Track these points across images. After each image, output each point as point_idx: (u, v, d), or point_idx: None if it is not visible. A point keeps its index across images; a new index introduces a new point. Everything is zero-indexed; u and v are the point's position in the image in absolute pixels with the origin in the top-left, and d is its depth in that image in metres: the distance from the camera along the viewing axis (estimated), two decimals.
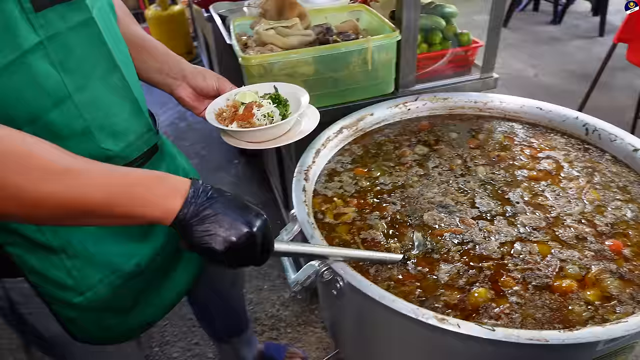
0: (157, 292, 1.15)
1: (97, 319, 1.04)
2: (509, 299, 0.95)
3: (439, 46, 1.79)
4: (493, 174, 1.29)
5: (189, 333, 2.29)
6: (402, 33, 1.55)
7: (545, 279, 0.98)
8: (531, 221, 1.12)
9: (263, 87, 1.27)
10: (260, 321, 2.33)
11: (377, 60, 1.57)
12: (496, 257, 1.04)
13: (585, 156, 1.33)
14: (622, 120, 3.49)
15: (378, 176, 1.30)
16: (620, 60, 3.01)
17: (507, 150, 1.37)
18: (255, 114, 1.16)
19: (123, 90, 0.96)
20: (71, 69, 0.83)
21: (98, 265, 0.98)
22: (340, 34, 1.67)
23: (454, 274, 1.01)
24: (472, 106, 1.57)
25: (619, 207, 1.15)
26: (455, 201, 1.20)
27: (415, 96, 1.57)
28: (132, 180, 0.75)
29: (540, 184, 1.24)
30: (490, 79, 1.76)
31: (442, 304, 0.95)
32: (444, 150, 1.39)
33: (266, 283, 2.54)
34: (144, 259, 1.06)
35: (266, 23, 1.65)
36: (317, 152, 1.34)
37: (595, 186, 1.22)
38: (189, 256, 1.22)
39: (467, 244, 1.07)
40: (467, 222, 1.13)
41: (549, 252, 1.04)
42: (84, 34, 0.85)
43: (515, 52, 5.16)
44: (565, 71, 4.74)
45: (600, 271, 0.99)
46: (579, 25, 6.00)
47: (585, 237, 1.07)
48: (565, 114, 1.43)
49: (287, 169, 2.25)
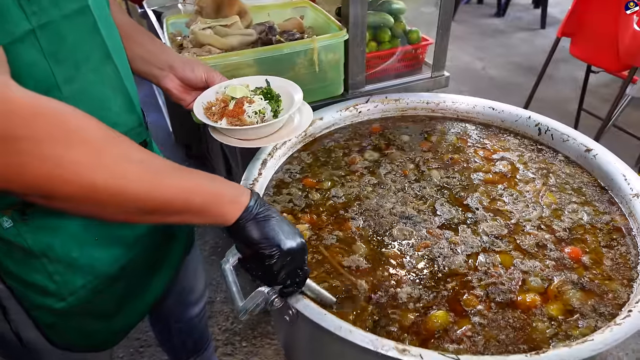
0: (139, 295, 1.12)
1: (79, 324, 1.01)
2: (472, 319, 0.89)
3: (388, 44, 1.71)
4: (448, 177, 1.24)
5: (136, 355, 2.15)
6: (350, 31, 1.47)
7: (509, 294, 0.94)
8: (493, 229, 1.08)
9: (255, 80, 1.21)
10: (213, 336, 2.21)
11: (324, 61, 1.48)
12: (462, 272, 0.99)
13: (539, 157, 1.30)
14: (566, 112, 3.58)
15: (329, 187, 1.22)
16: (561, 52, 3.06)
17: (460, 152, 1.33)
18: (246, 110, 1.10)
19: (115, 82, 0.91)
20: (61, 59, 0.78)
21: (81, 270, 0.94)
22: (284, 33, 1.57)
23: (415, 296, 0.94)
24: (425, 107, 1.51)
25: (576, 211, 1.12)
26: (416, 210, 1.14)
27: (366, 98, 1.50)
28: (207, 177, 0.77)
29: (497, 187, 1.20)
30: (441, 78, 1.71)
31: (397, 327, 0.89)
32: (395, 155, 1.33)
33: (218, 295, 2.42)
34: (129, 263, 1.03)
35: (203, 22, 1.53)
36: (264, 162, 1.25)
37: (551, 188, 1.19)
38: (169, 256, 1.20)
39: (435, 259, 1.02)
40: (434, 232, 1.08)
41: (511, 264, 1.00)
42: (79, 22, 0.80)
43: (462, 45, 5.22)
44: (510, 63, 4.83)
45: (562, 282, 0.95)
46: (521, 17, 6.15)
47: (545, 244, 1.04)
48: (518, 114, 1.39)
49: (235, 175, 2.14)
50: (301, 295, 0.88)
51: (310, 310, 0.85)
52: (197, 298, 1.57)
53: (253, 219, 0.79)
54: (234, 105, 1.11)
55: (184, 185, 0.72)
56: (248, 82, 1.20)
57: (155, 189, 0.69)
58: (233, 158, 1.97)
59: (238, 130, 1.09)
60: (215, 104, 1.14)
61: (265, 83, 1.20)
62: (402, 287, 0.96)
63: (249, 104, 1.11)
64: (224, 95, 1.14)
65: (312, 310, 0.85)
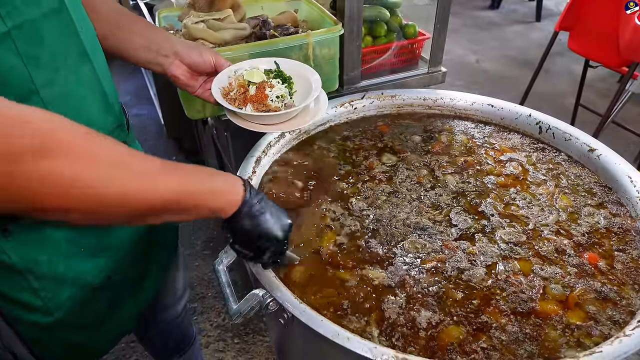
0: (127, 303, 1.08)
1: (65, 337, 0.97)
2: (491, 332, 0.86)
3: (384, 39, 1.68)
4: (464, 183, 1.19)
5: (128, 349, 2.12)
6: (345, 25, 1.44)
7: (530, 302, 0.90)
8: (511, 236, 1.04)
9: (262, 62, 1.20)
10: (205, 332, 2.19)
11: (319, 55, 1.44)
12: (484, 286, 0.94)
13: (546, 157, 1.26)
14: (563, 106, 3.56)
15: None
16: (557, 45, 3.03)
17: (472, 153, 1.29)
18: (269, 95, 1.11)
19: (93, 83, 0.88)
20: (40, 62, 0.75)
21: (66, 283, 0.91)
22: (278, 27, 1.53)
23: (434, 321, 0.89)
24: (421, 103, 1.48)
25: (592, 214, 1.09)
26: (432, 220, 1.09)
27: (362, 94, 1.46)
28: (200, 172, 0.77)
29: (509, 190, 1.16)
30: (438, 73, 1.68)
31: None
32: (409, 158, 1.29)
33: (210, 290, 2.39)
34: (116, 272, 1.00)
35: (196, 15, 1.49)
36: (258, 160, 1.22)
37: (564, 190, 1.15)
38: (155, 262, 1.18)
39: (452, 276, 0.96)
40: (450, 245, 1.03)
41: (530, 270, 0.96)
42: (55, 21, 0.77)
43: (456, 38, 5.18)
44: (505, 57, 4.80)
45: (584, 291, 0.92)
46: (516, 10, 6.11)
47: (564, 249, 1.01)
48: (518, 111, 1.36)
49: (227, 170, 2.10)
50: (296, 298, 0.86)
51: (307, 316, 0.83)
52: (176, 299, 1.53)
53: (248, 212, 0.81)
54: (256, 91, 1.11)
55: (177, 188, 0.71)
56: (256, 64, 1.19)
57: (149, 191, 0.68)
58: (225, 152, 1.94)
59: (265, 116, 1.09)
60: (231, 89, 1.12)
61: (274, 65, 1.19)
62: (420, 312, 0.90)
63: (270, 89, 1.11)
64: (241, 79, 1.13)
65: (308, 316, 0.83)
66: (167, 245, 1.25)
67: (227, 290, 0.95)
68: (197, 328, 2.18)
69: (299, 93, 1.17)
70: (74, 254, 0.90)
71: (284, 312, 0.87)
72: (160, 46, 1.07)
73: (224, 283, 0.95)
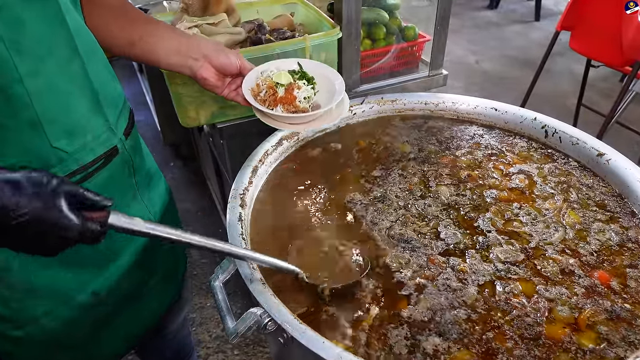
0: (122, 323, 1.05)
1: (44, 355, 0.95)
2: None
3: (383, 42, 1.64)
4: (458, 195, 1.15)
5: None
6: (343, 29, 1.39)
7: (536, 326, 0.84)
8: (508, 254, 0.97)
9: (285, 63, 1.24)
10: (204, 344, 2.14)
11: (317, 60, 1.40)
12: (479, 307, 0.88)
13: (558, 168, 1.20)
14: (565, 107, 3.52)
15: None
16: (558, 45, 2.99)
17: (478, 167, 1.23)
18: (297, 96, 1.15)
19: (82, 80, 0.85)
20: (24, 49, 0.73)
21: (43, 296, 0.87)
22: (274, 32, 1.49)
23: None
24: (423, 108, 1.44)
25: (602, 230, 1.02)
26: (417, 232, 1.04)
27: (362, 99, 1.42)
28: None
29: (512, 205, 1.09)
30: (439, 76, 1.64)
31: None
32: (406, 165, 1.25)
33: (209, 300, 2.34)
34: (104, 286, 0.96)
35: (189, 20, 1.45)
36: (254, 170, 1.17)
37: (572, 205, 1.09)
38: (163, 281, 1.15)
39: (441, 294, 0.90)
40: (435, 261, 0.97)
41: (534, 291, 0.90)
42: (39, 9, 0.75)
43: (455, 38, 5.14)
44: (505, 57, 4.76)
45: (594, 312, 0.86)
46: (515, 9, 6.07)
47: (572, 270, 0.94)
48: (523, 115, 1.32)
49: (224, 180, 2.06)
50: (296, 318, 0.81)
51: (307, 338, 0.78)
52: (177, 319, 1.50)
53: None
54: (285, 92, 1.15)
55: None
56: (280, 65, 1.22)
57: None
58: (222, 160, 1.89)
59: (295, 117, 1.13)
60: (260, 90, 1.16)
61: (297, 66, 1.22)
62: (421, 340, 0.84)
63: (297, 90, 1.15)
64: (270, 81, 1.15)
65: (309, 338, 0.78)
66: (172, 284, 1.22)
67: (224, 308, 0.90)
68: (196, 339, 2.14)
69: (322, 93, 1.21)
70: (51, 265, 0.86)
71: (284, 332, 0.83)
72: (189, 49, 1.08)
73: (220, 300, 0.90)
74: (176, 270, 1.26)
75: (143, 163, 1.09)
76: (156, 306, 1.18)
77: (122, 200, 0.98)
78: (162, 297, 1.19)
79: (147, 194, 1.08)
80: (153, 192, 1.12)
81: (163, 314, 1.21)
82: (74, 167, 0.84)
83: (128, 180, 0.99)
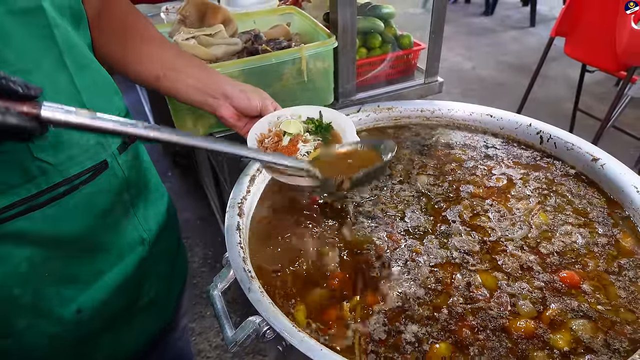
0: (109, 341, 1.03)
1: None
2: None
3: (379, 50, 1.65)
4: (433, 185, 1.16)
5: None
6: (339, 38, 1.41)
7: (499, 319, 0.85)
8: (464, 244, 1.00)
9: (308, 110, 1.17)
10: (203, 354, 2.14)
11: (313, 69, 1.42)
12: (432, 286, 0.91)
13: (546, 175, 1.20)
14: (561, 112, 3.53)
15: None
16: (553, 51, 3.01)
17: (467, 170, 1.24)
18: (300, 149, 1.07)
19: (70, 94, 0.84)
20: (9, 60, 0.72)
21: (24, 308, 0.85)
22: (270, 42, 1.50)
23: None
24: (419, 115, 1.45)
25: (569, 233, 1.03)
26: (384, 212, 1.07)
27: (358, 107, 1.43)
28: None
29: (484, 202, 1.11)
30: (435, 84, 1.65)
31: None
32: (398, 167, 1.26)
33: (208, 309, 2.34)
34: (87, 305, 0.94)
35: (186, 31, 1.46)
36: (252, 179, 1.18)
37: (545, 208, 1.10)
38: (155, 302, 1.13)
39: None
40: (393, 237, 1.01)
41: (496, 285, 0.91)
42: (27, 23, 0.74)
43: (451, 45, 5.17)
44: (501, 63, 4.79)
45: (559, 310, 0.86)
46: (510, 15, 6.11)
47: (530, 266, 0.95)
48: (518, 121, 1.33)
49: (223, 189, 2.07)
50: (294, 326, 0.81)
51: (306, 346, 0.78)
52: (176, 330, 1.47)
53: None
54: (288, 143, 1.09)
55: None
56: (301, 112, 1.16)
57: None
58: (221, 170, 1.90)
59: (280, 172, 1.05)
60: (267, 136, 1.11)
61: (319, 114, 1.15)
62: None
63: (303, 144, 1.09)
64: (277, 129, 1.11)
65: (307, 345, 0.78)
66: (158, 314, 1.20)
67: (223, 317, 0.91)
68: (196, 349, 2.13)
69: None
70: (35, 277, 0.85)
71: (282, 341, 0.83)
72: (210, 88, 1.09)
73: (218, 309, 0.91)
74: (170, 291, 1.23)
75: (141, 179, 1.07)
76: (148, 327, 1.16)
77: (109, 215, 0.96)
78: (154, 319, 1.17)
79: (142, 211, 1.06)
80: (150, 210, 1.10)
81: (156, 335, 1.19)
82: (58, 179, 0.83)
83: (118, 197, 0.97)
